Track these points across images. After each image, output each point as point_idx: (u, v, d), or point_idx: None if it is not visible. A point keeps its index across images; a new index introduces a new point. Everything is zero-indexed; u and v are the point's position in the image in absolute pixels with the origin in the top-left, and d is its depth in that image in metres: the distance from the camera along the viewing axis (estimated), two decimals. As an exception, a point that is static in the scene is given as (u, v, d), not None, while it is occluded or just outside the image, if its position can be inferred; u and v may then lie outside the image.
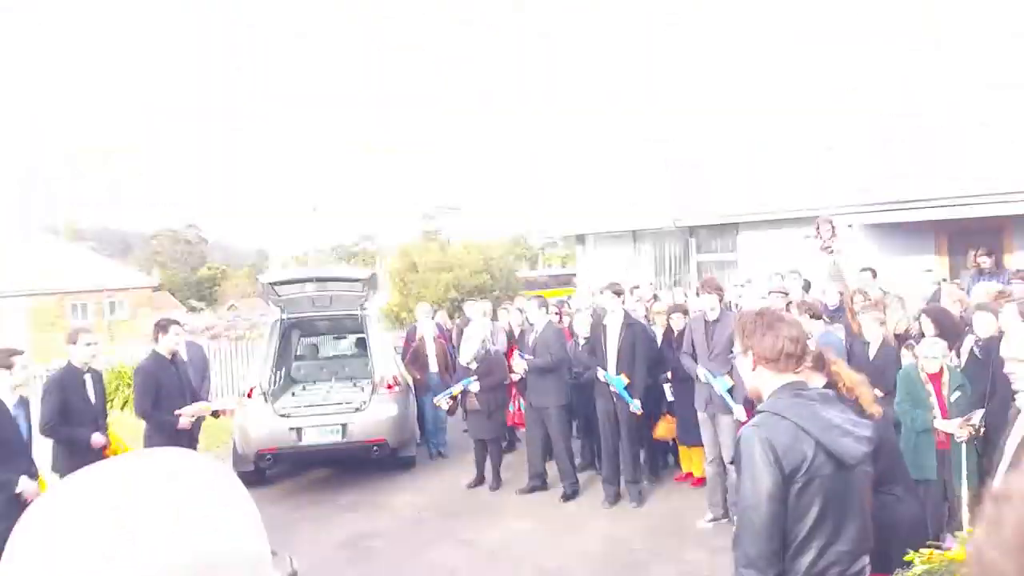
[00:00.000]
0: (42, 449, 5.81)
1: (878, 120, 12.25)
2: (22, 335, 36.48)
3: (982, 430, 5.22)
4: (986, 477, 4.68)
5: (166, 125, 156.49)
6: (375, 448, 8.31)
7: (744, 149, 13.87)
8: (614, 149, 17.01)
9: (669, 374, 7.57)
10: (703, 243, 14.25)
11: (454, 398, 8.29)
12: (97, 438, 5.79)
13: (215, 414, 7.07)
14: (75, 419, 5.79)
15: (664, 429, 7.82)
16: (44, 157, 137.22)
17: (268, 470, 8.53)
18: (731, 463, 5.61)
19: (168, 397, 6.42)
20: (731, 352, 5.98)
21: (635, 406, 7.18)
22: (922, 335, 6.22)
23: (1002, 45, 11.70)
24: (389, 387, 8.48)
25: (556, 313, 9.29)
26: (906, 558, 2.86)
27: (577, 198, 17.18)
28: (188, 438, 6.77)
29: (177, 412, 6.39)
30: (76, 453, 5.68)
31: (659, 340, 8.02)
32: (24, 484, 4.95)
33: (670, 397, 7.61)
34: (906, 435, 5.65)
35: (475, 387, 8.00)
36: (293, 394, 9.41)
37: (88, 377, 5.99)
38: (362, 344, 10.37)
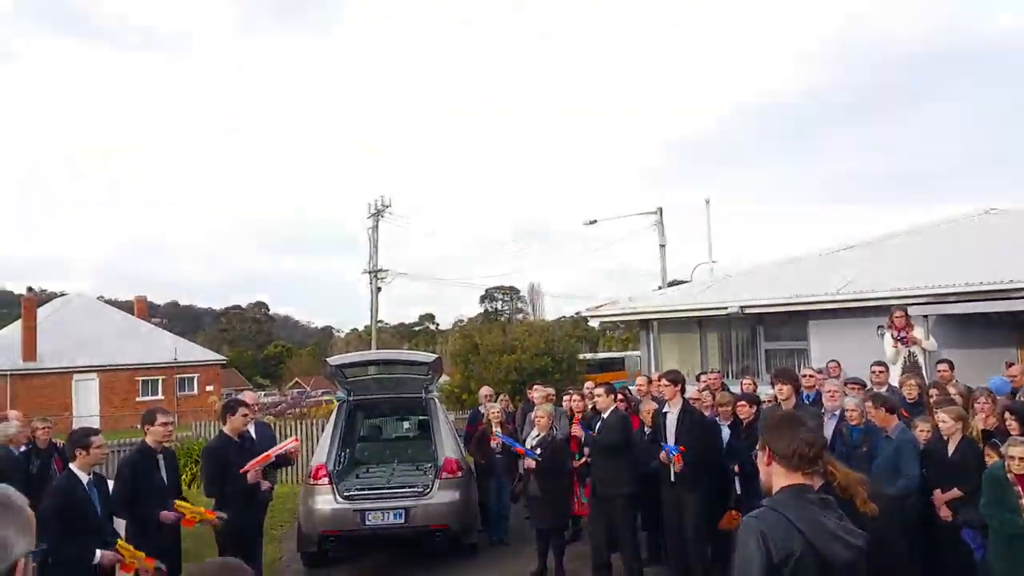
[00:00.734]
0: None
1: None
2: (94, 409, 37.68)
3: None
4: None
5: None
6: (437, 534, 8.22)
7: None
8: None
9: (737, 467, 7.35)
10: (770, 331, 14.00)
11: (514, 461, 8.31)
12: (166, 515, 5.85)
13: (282, 462, 7.09)
14: (147, 499, 5.84)
15: (728, 522, 7.54)
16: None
17: (330, 551, 8.49)
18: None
19: (236, 475, 6.48)
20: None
21: (675, 451, 6.98)
22: (1007, 434, 5.97)
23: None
24: (452, 472, 8.43)
25: (622, 399, 9.15)
26: None
27: (642, 284, 17.15)
28: (260, 506, 6.86)
29: (243, 469, 6.44)
30: (147, 531, 5.76)
31: (727, 431, 7.81)
32: (99, 554, 5.08)
33: (738, 490, 7.37)
34: (995, 539, 5.39)
35: (531, 463, 7.86)
36: (357, 476, 9.42)
37: (161, 457, 6.10)
38: (424, 426, 10.37)
